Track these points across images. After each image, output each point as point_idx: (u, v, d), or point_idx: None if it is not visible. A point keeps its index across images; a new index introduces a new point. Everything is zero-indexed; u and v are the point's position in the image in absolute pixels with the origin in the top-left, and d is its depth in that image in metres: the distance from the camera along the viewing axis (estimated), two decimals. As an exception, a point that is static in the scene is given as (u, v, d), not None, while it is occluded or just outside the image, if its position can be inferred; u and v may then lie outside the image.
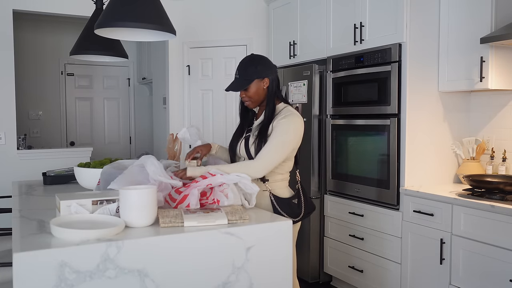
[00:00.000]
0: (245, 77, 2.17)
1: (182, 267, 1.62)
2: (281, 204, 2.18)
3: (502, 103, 3.03)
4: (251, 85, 2.18)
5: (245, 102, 2.24)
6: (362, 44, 3.20)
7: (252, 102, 2.22)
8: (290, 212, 2.19)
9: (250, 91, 2.19)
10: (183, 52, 4.64)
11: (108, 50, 3.05)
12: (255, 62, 2.19)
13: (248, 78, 2.17)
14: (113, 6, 2.21)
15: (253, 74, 2.17)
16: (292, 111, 2.18)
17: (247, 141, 2.24)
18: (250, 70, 2.17)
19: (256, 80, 2.17)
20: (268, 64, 2.22)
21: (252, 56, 2.25)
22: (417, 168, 2.97)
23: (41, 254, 1.41)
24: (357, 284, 3.28)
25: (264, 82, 2.19)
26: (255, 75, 2.17)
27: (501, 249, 2.34)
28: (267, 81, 2.20)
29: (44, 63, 5.91)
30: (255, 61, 2.20)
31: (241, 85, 2.18)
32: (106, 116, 6.40)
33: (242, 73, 2.19)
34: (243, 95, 2.22)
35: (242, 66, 2.20)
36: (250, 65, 2.18)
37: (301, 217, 2.25)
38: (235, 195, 1.95)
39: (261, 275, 1.77)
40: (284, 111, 2.19)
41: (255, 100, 2.21)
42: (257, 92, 2.19)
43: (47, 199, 2.36)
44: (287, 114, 2.15)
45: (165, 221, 1.70)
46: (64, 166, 3.59)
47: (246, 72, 2.18)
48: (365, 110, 3.17)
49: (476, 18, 2.77)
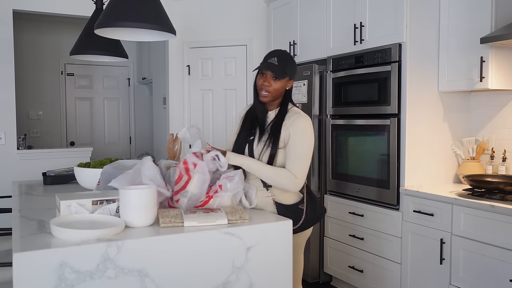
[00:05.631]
0: (284, 69, 2.11)
1: (182, 267, 1.62)
2: (285, 211, 2.09)
3: (502, 103, 3.03)
4: (282, 80, 2.12)
5: (265, 92, 2.12)
6: (362, 44, 3.20)
7: (270, 95, 2.13)
8: (295, 219, 2.08)
9: (277, 84, 2.11)
10: (183, 52, 4.64)
11: (108, 50, 3.05)
12: (293, 62, 2.17)
13: (286, 71, 2.11)
14: (113, 6, 2.20)
15: (290, 71, 2.14)
16: (300, 113, 2.15)
17: (251, 145, 2.16)
18: (289, 66, 2.13)
19: (287, 78, 2.14)
20: (296, 69, 2.21)
21: (290, 54, 2.22)
22: (417, 168, 2.96)
23: (41, 254, 1.41)
24: (357, 284, 3.28)
25: (289, 84, 2.17)
26: (290, 73, 2.14)
27: (501, 249, 2.34)
28: (291, 84, 2.18)
29: (44, 63, 5.91)
30: (293, 61, 2.18)
31: (280, 73, 2.10)
32: (106, 116, 6.40)
33: (283, 64, 2.11)
34: (267, 83, 2.11)
35: (284, 58, 2.13)
36: (290, 62, 2.15)
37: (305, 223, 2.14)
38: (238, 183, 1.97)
39: (261, 275, 1.77)
40: (291, 111, 2.16)
41: (274, 95, 2.14)
42: (281, 89, 2.14)
43: (47, 199, 2.36)
44: (296, 117, 2.11)
45: (165, 221, 1.70)
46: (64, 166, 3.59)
47: (286, 65, 2.12)
48: (365, 110, 3.17)
49: (476, 18, 2.77)
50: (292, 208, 2.13)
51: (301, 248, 2.22)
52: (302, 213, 2.14)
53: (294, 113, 2.14)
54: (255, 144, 2.14)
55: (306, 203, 2.17)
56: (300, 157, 2.06)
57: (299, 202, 2.16)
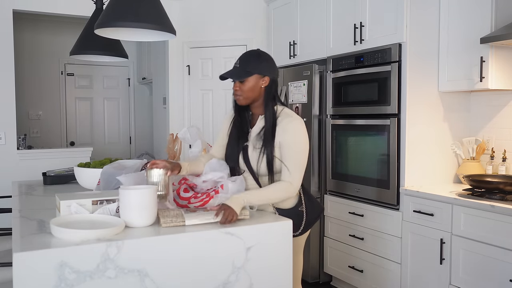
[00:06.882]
0: (246, 69, 2.01)
1: (182, 267, 1.62)
2: (286, 215, 2.02)
3: (502, 103, 3.03)
4: (249, 78, 2.01)
5: (237, 96, 2.06)
6: (362, 44, 3.20)
7: (244, 98, 2.04)
8: (296, 223, 2.04)
9: (246, 85, 2.02)
10: (183, 52, 4.64)
11: (108, 50, 3.06)
12: (261, 57, 2.05)
13: (249, 70, 2.01)
14: (113, 6, 2.21)
15: (255, 68, 2.01)
16: (292, 116, 2.05)
17: (245, 152, 2.09)
18: (254, 63, 2.02)
19: (256, 75, 2.01)
20: (272, 64, 2.08)
21: (259, 51, 2.09)
22: (417, 168, 2.96)
23: (41, 254, 1.41)
24: (357, 284, 3.28)
25: (263, 81, 2.04)
26: (256, 69, 2.01)
27: (501, 249, 2.34)
28: (267, 80, 2.04)
29: (44, 63, 5.91)
30: (261, 56, 2.05)
31: (240, 75, 2.02)
32: (106, 116, 6.40)
33: (244, 64, 2.02)
34: (237, 88, 2.04)
35: (246, 57, 2.05)
36: (255, 58, 2.03)
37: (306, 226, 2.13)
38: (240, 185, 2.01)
39: (261, 275, 1.77)
40: (282, 114, 2.06)
41: (248, 96, 2.04)
42: (253, 88, 2.03)
43: (47, 199, 2.36)
44: (288, 121, 2.02)
45: (166, 221, 1.70)
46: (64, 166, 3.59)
47: (249, 64, 2.02)
48: (365, 110, 3.17)
49: (476, 18, 2.77)
50: (293, 212, 2.09)
51: (300, 249, 2.21)
52: (302, 216, 2.12)
53: (286, 116, 2.05)
54: (250, 151, 2.07)
55: (305, 204, 2.14)
56: (296, 163, 2.01)
57: (298, 204, 2.13)
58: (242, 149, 2.10)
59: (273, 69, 2.08)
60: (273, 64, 2.09)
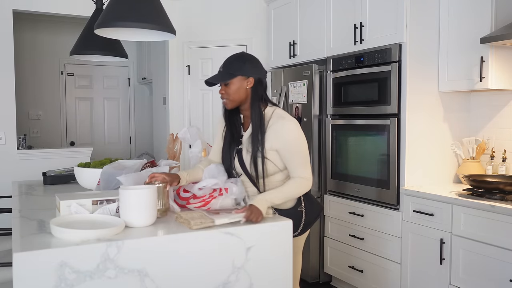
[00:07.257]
0: (229, 71, 2.01)
1: (182, 267, 1.62)
2: (285, 216, 2.02)
3: (502, 103, 3.03)
4: (233, 80, 2.00)
5: (223, 99, 2.06)
6: (362, 44, 3.20)
7: (230, 100, 2.04)
8: (295, 223, 2.05)
9: (231, 88, 2.01)
10: (183, 52, 4.64)
11: (108, 50, 3.06)
12: (244, 59, 2.04)
13: (231, 72, 2.00)
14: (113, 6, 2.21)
15: (238, 70, 2.00)
16: (285, 118, 2.03)
17: (240, 155, 2.09)
18: (236, 65, 2.02)
19: (239, 77, 2.01)
20: (257, 65, 2.07)
21: (242, 53, 2.10)
22: (417, 168, 2.96)
23: (41, 254, 1.41)
24: (357, 284, 3.28)
25: (248, 82, 2.02)
26: (239, 71, 2.00)
27: (501, 249, 2.34)
28: (252, 81, 2.02)
29: (44, 63, 5.91)
30: (244, 58, 2.05)
31: (223, 78, 2.02)
32: (106, 116, 6.40)
33: (227, 67, 2.03)
34: (223, 91, 2.04)
35: (229, 60, 2.05)
36: (237, 60, 2.04)
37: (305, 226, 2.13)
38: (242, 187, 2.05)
39: (261, 275, 1.77)
40: (274, 116, 2.04)
41: (234, 99, 2.03)
42: (238, 90, 2.01)
43: (47, 199, 2.36)
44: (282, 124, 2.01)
45: (196, 222, 1.68)
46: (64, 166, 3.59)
47: (231, 66, 2.02)
48: (365, 110, 3.17)
49: (476, 18, 2.77)
50: (292, 212, 2.09)
51: (299, 249, 2.21)
52: (301, 216, 2.12)
53: (278, 118, 2.03)
54: (244, 154, 2.08)
55: (304, 204, 2.13)
56: (300, 162, 2.03)
57: (297, 204, 2.12)
58: (237, 152, 2.11)
59: (257, 69, 2.07)
60: (257, 65, 2.08)
